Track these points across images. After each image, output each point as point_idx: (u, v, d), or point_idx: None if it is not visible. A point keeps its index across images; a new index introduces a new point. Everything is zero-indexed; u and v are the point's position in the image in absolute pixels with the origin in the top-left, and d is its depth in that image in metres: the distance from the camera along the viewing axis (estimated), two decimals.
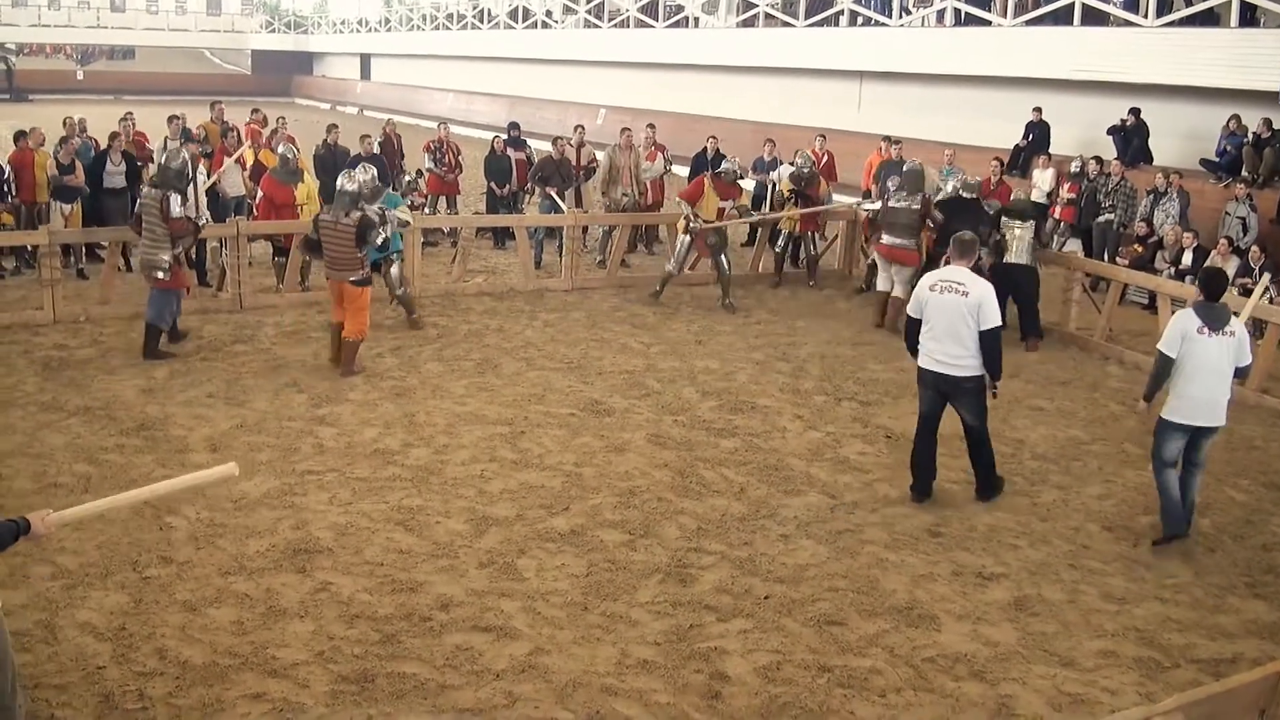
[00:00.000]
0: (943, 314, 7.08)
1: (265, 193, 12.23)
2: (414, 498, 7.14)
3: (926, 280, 7.26)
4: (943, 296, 7.07)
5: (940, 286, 7.11)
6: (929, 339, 7.16)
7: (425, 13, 44.58)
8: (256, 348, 10.41)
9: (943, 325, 7.08)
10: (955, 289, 7.06)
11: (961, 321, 7.03)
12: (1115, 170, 15.11)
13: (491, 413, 8.83)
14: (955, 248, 7.31)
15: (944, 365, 7.14)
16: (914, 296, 7.30)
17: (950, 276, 7.15)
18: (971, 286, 7.09)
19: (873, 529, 6.98)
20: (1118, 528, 7.19)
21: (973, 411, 7.28)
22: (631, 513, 7.04)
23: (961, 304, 7.02)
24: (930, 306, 7.13)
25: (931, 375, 7.22)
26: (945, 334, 7.09)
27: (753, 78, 26.37)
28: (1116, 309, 11.73)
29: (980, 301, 7.02)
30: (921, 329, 7.21)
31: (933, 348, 7.15)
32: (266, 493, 7.13)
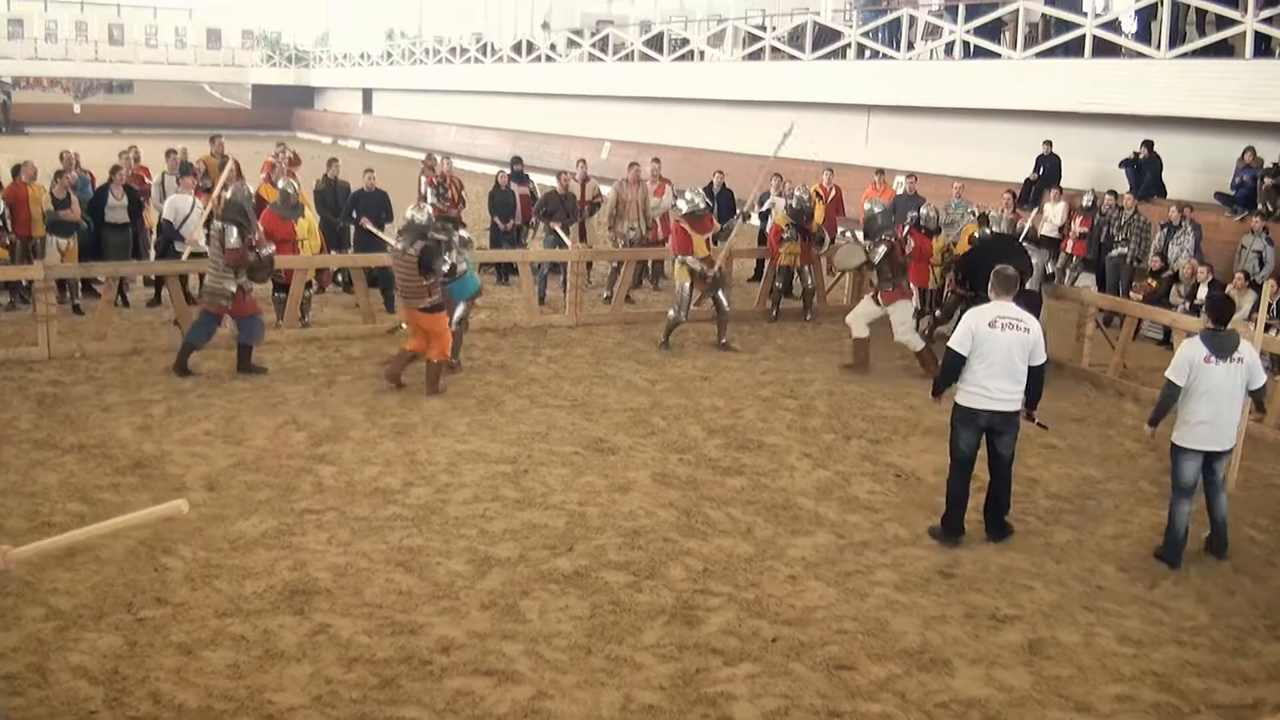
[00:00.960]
0: (1003, 350, 7.10)
1: (265, 228, 12.23)
2: (414, 538, 7.13)
3: (982, 317, 7.20)
4: (1004, 334, 7.11)
5: (1001, 323, 7.13)
6: (987, 376, 7.12)
7: (428, 46, 45.04)
8: (255, 384, 10.43)
9: (1002, 361, 7.11)
10: (1016, 325, 7.14)
11: (1021, 358, 7.14)
12: (1128, 204, 15.18)
13: (494, 451, 8.83)
14: (999, 283, 7.32)
15: (999, 402, 7.17)
16: (964, 332, 7.18)
17: (1008, 313, 7.19)
18: (1030, 323, 7.23)
19: (883, 570, 6.96)
20: (1134, 569, 7.16)
21: (1012, 446, 7.40)
22: (636, 553, 7.03)
23: (1024, 340, 7.14)
24: (990, 343, 7.10)
25: (986, 414, 7.20)
26: (1004, 370, 7.12)
27: (759, 111, 26.54)
28: (1130, 344, 11.73)
29: (1038, 338, 7.22)
30: (973, 365, 7.15)
31: (991, 385, 7.13)
32: (264, 532, 7.13)
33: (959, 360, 7.20)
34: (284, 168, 15.04)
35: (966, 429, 7.29)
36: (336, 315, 13.59)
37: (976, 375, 7.16)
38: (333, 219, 14.62)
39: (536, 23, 40.91)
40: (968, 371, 7.19)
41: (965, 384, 7.22)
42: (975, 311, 7.34)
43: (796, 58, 24.62)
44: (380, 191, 14.63)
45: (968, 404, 7.23)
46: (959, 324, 7.36)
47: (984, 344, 7.12)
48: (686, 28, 29.29)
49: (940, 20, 21.39)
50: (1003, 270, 7.43)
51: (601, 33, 32.54)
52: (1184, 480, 7.15)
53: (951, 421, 7.40)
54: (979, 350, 7.13)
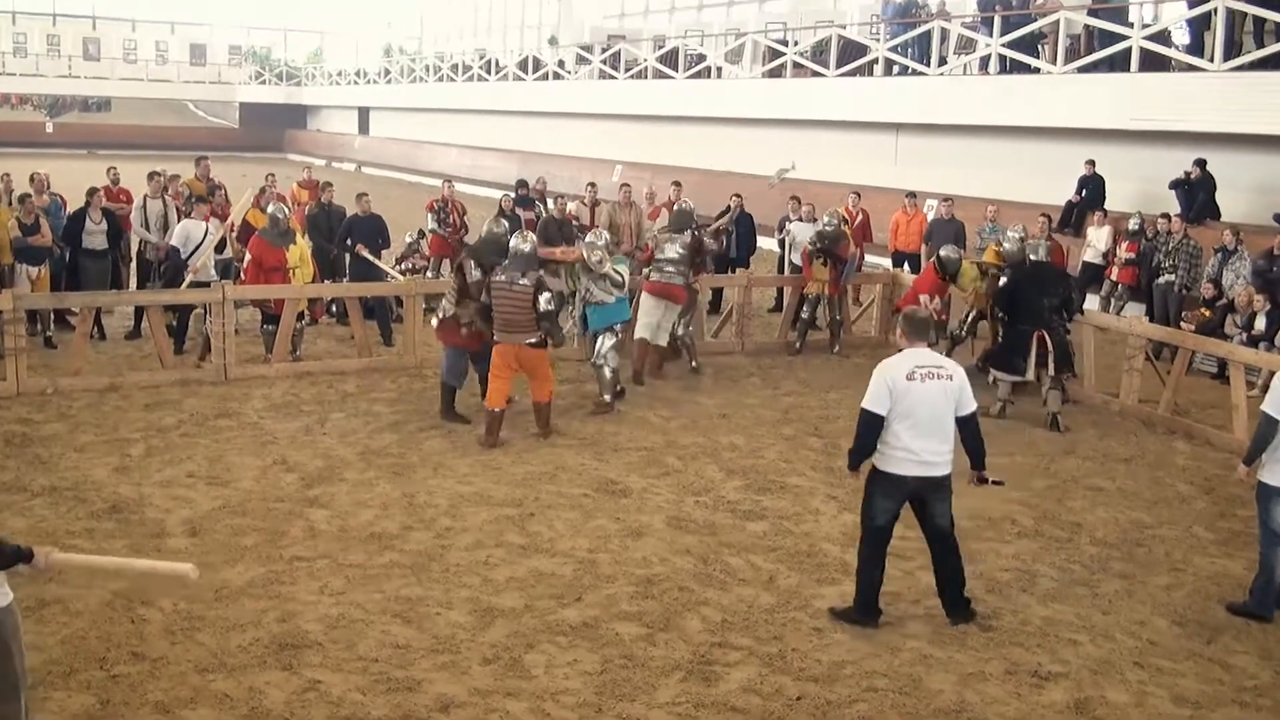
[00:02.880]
0: (928, 405, 6.59)
1: (254, 255, 12.35)
2: (413, 586, 7.12)
3: (897, 369, 6.64)
4: (925, 385, 6.58)
5: (921, 374, 6.59)
6: (912, 437, 6.58)
7: (428, 63, 45.44)
8: (242, 422, 10.46)
9: (928, 418, 6.59)
10: (938, 374, 6.63)
11: (948, 411, 6.65)
12: (1178, 227, 15.14)
13: (498, 493, 8.83)
14: (909, 326, 6.82)
15: (930, 466, 6.66)
16: (879, 388, 6.61)
17: (927, 361, 6.68)
18: (953, 369, 6.76)
19: (915, 622, 6.91)
20: (1189, 622, 7.10)
21: (948, 514, 6.87)
22: (650, 603, 7.00)
23: (949, 390, 6.64)
24: (911, 398, 6.56)
25: (913, 481, 6.68)
26: (931, 429, 6.61)
27: (780, 131, 26.65)
28: (1182, 379, 11.67)
29: (963, 384, 6.71)
30: (894, 426, 6.60)
31: (917, 447, 6.59)
32: (250, 581, 7.12)
33: (877, 422, 6.62)
34: (273, 192, 15.18)
35: (888, 499, 6.77)
36: (330, 348, 13.64)
37: (900, 437, 6.59)
38: (326, 245, 14.70)
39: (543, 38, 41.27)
40: (888, 434, 6.62)
41: (887, 447, 6.65)
42: (888, 364, 6.75)
43: (820, 74, 24.74)
44: (376, 216, 14.73)
45: (892, 470, 6.68)
46: (872, 379, 6.72)
47: (904, 400, 6.56)
48: (703, 43, 29.45)
49: (974, 33, 21.46)
50: (913, 314, 6.98)
51: (613, 48, 32.75)
52: (1278, 523, 6.96)
53: (868, 488, 6.85)
54: (900, 408, 6.57)
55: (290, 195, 16.40)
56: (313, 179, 18.13)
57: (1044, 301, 11.29)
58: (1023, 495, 9.20)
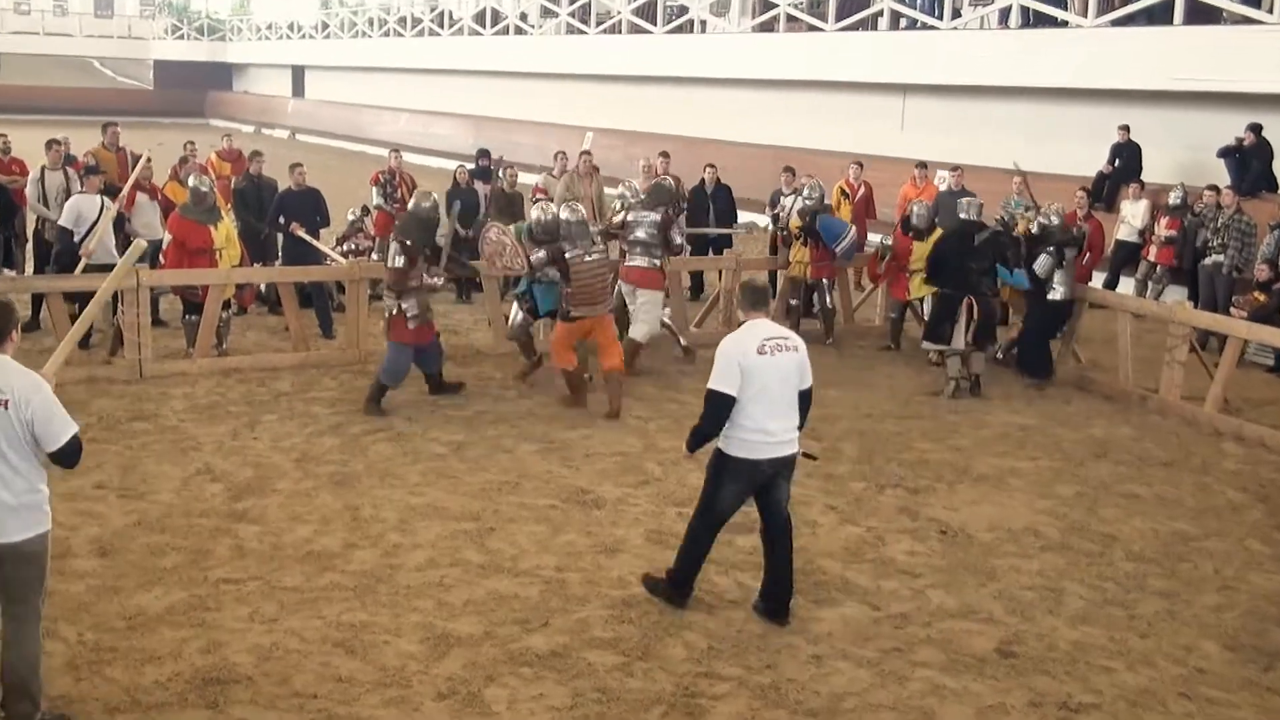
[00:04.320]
0: (780, 379, 6.89)
1: (174, 235, 12.29)
2: (357, 612, 7.11)
3: (746, 343, 6.87)
4: (775, 358, 6.86)
5: (770, 346, 6.87)
6: (766, 416, 6.84)
7: (372, 16, 45.26)
8: (160, 425, 10.42)
9: (779, 393, 6.90)
10: (786, 345, 6.96)
11: (797, 385, 7.00)
12: (1228, 201, 15.18)
13: (454, 505, 8.82)
14: (748, 296, 7.13)
15: (784, 445, 6.97)
16: (728, 366, 6.81)
17: (773, 332, 7.00)
18: (796, 340, 7.13)
19: (926, 648, 6.95)
20: (1243, 646, 7.14)
21: (788, 495, 7.21)
22: (627, 628, 7.01)
23: (799, 362, 7.00)
24: (764, 375, 6.81)
25: (768, 464, 6.95)
26: (783, 404, 6.92)
27: (772, 93, 26.68)
28: (1233, 372, 11.71)
29: (805, 355, 7.10)
30: (746, 406, 6.82)
31: (772, 426, 6.87)
32: (170, 607, 7.09)
33: (728, 404, 6.81)
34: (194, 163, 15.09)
35: (738, 483, 7.02)
36: (261, 341, 13.60)
37: (754, 418, 6.82)
38: (256, 224, 14.64)
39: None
40: (740, 415, 6.83)
41: (740, 430, 6.87)
42: (734, 340, 6.99)
43: (818, 28, 24.79)
44: (313, 190, 14.65)
45: (747, 455, 6.91)
46: (717, 358, 6.96)
47: (757, 377, 6.79)
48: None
49: None
50: (751, 283, 7.29)
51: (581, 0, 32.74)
52: None
53: (716, 475, 7.07)
54: (752, 386, 6.79)
55: (209, 167, 16.31)
56: (234, 148, 17.99)
57: (971, 265, 11.84)
58: (1048, 504, 9.26)
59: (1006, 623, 7.28)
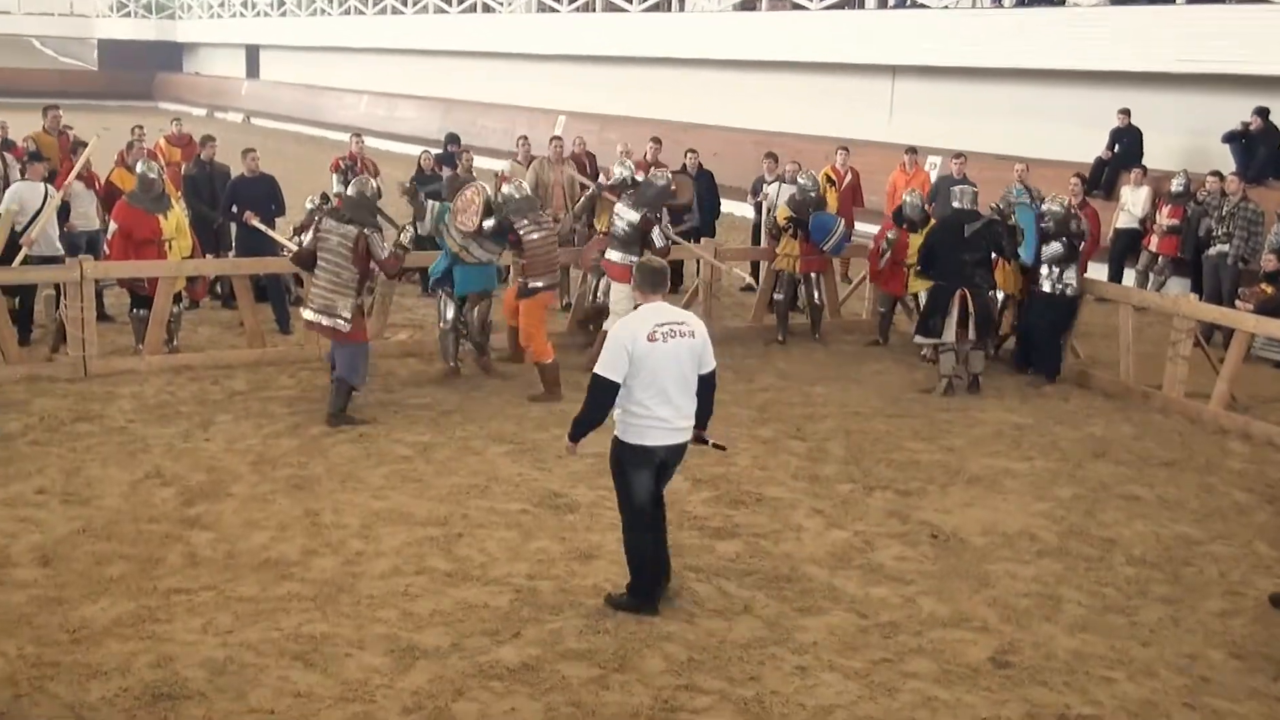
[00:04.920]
0: (673, 366, 7.08)
1: (120, 224, 12.22)
2: (317, 623, 7.09)
3: (637, 328, 7.07)
4: (667, 344, 7.05)
5: (663, 333, 7.05)
6: (660, 404, 7.07)
7: None
8: (107, 427, 10.37)
9: (675, 381, 7.10)
10: (680, 331, 7.13)
11: (693, 371, 7.19)
12: (1233, 188, 15.24)
13: (419, 510, 8.81)
14: (644, 278, 7.31)
15: (679, 432, 7.21)
16: (617, 351, 7.02)
17: (668, 317, 7.17)
18: (695, 324, 7.30)
19: (917, 658, 6.96)
20: (1251, 654, 7.17)
21: (669, 477, 7.50)
22: (602, 639, 7.01)
23: (694, 348, 7.17)
24: (655, 361, 7.01)
25: (664, 451, 7.20)
26: (677, 391, 7.12)
27: (755, 75, 26.73)
28: (1240, 368, 11.75)
29: (706, 340, 7.27)
30: (637, 393, 7.05)
31: (667, 413, 7.10)
32: (117, 619, 7.06)
33: (613, 390, 7.03)
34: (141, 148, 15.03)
35: (643, 471, 7.22)
36: (214, 337, 13.56)
37: (648, 406, 7.06)
38: (208, 212, 14.59)
39: None
40: (633, 403, 7.07)
41: (635, 418, 7.10)
42: (624, 324, 7.22)
43: (802, 6, 24.86)
44: (268, 177, 14.62)
45: (643, 442, 7.14)
46: (606, 343, 7.22)
47: (647, 363, 7.00)
48: None
49: None
50: (649, 264, 7.47)
51: None
52: None
53: (619, 467, 7.28)
54: (643, 373, 7.02)
55: (158, 152, 16.25)
56: (184, 133, 17.95)
57: (964, 256, 11.97)
58: (1045, 506, 9.30)
59: (1001, 631, 7.30)
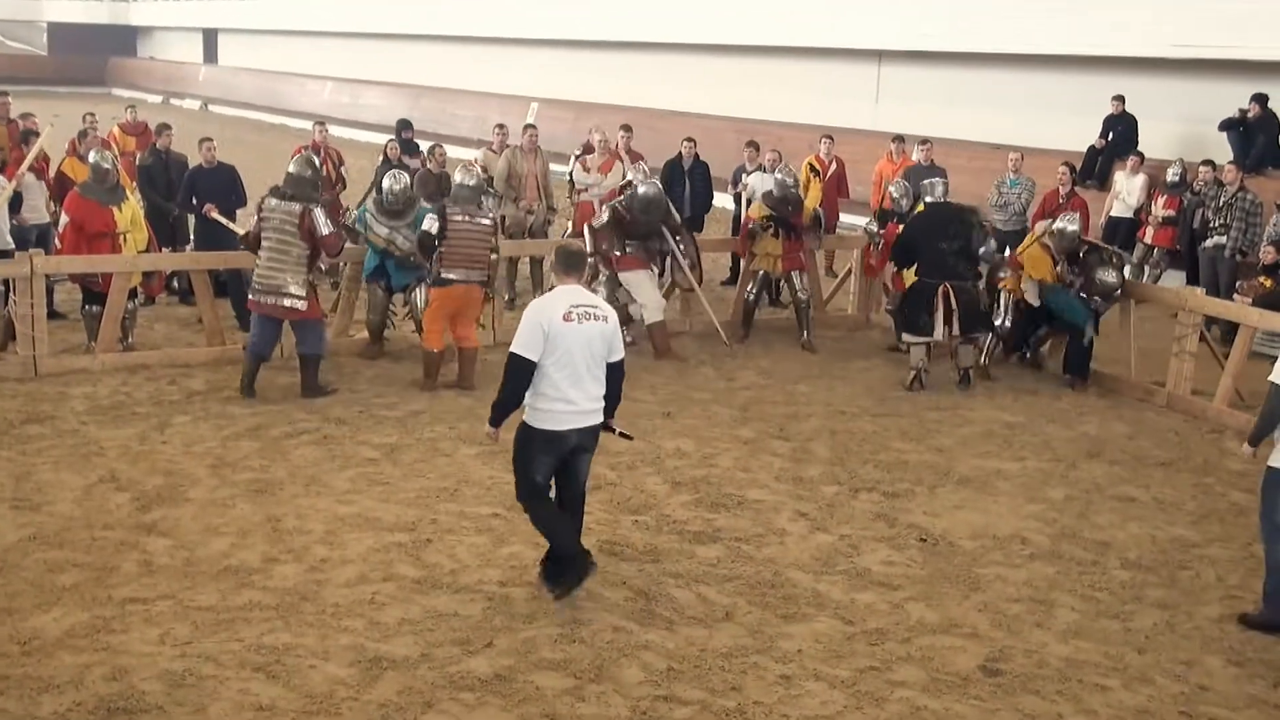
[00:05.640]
0: (585, 348, 7.38)
1: (72, 217, 12.17)
2: (280, 633, 7.08)
3: (552, 309, 7.36)
4: (582, 326, 7.35)
5: (578, 314, 7.35)
6: (570, 385, 7.36)
7: None
8: (58, 429, 10.33)
9: (583, 362, 7.39)
10: (594, 314, 7.42)
11: (603, 355, 7.49)
12: (1231, 178, 15.28)
13: (387, 514, 8.80)
14: (562, 260, 7.65)
15: (587, 415, 7.48)
16: (533, 331, 7.31)
17: (583, 300, 7.48)
18: (607, 310, 7.61)
19: (905, 666, 6.99)
20: (1249, 661, 7.22)
21: (588, 467, 7.79)
22: (577, 648, 7.02)
23: (605, 332, 7.46)
24: (568, 341, 7.30)
25: (574, 434, 7.46)
26: (587, 374, 7.42)
27: (735, 60, 26.73)
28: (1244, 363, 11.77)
29: (616, 327, 7.57)
30: (550, 373, 7.32)
31: (576, 395, 7.38)
32: (70, 629, 7.04)
33: (529, 369, 7.33)
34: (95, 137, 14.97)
35: (548, 455, 7.50)
36: (171, 334, 13.50)
37: (559, 386, 7.35)
38: (164, 205, 14.54)
39: None
40: (544, 384, 7.35)
41: (544, 400, 7.38)
42: (540, 304, 7.54)
43: None
44: (228, 167, 14.56)
45: (550, 426, 7.42)
46: (522, 321, 7.48)
47: (561, 343, 7.30)
48: None
49: None
50: (567, 247, 7.86)
51: None
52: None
53: (523, 449, 7.54)
54: (556, 352, 7.30)
55: (111, 141, 16.19)
56: (140, 121, 17.90)
57: (942, 246, 11.99)
58: (1037, 508, 9.33)
59: (992, 638, 7.32)
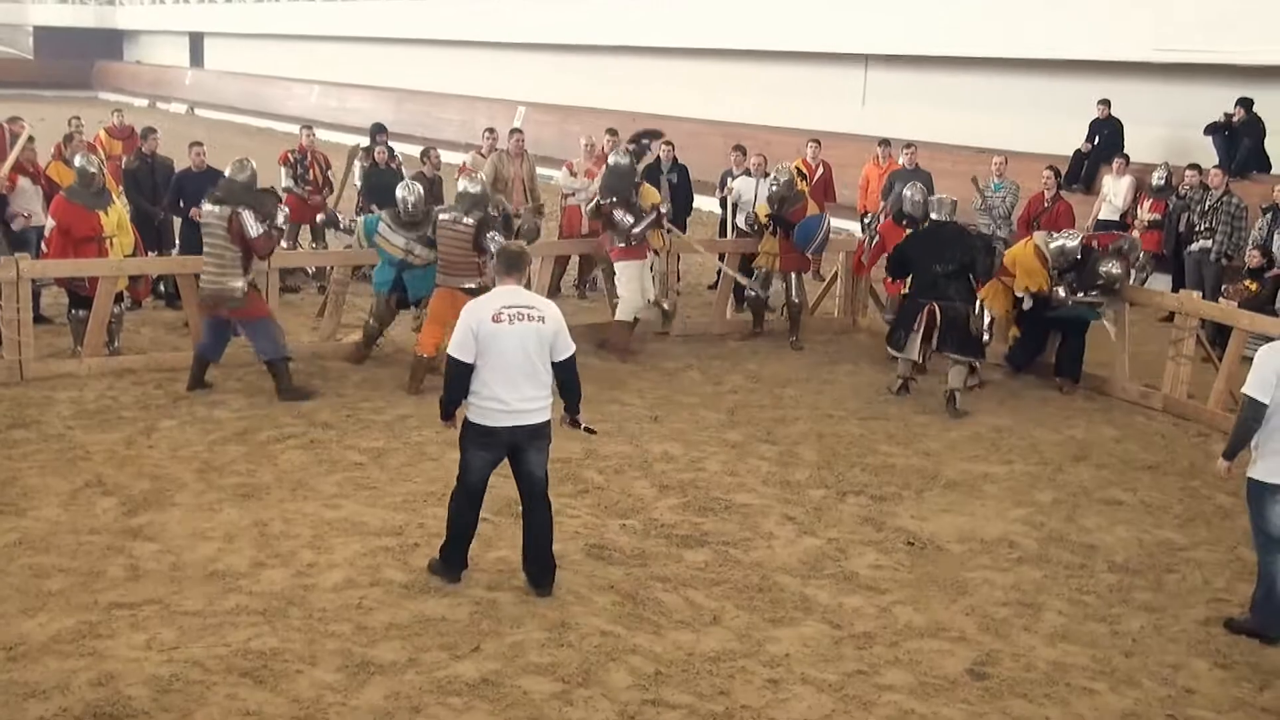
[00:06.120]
0: (518, 348, 7.45)
1: (59, 221, 12.15)
2: (267, 637, 7.06)
3: (483, 311, 7.49)
4: (513, 326, 7.44)
5: (509, 314, 7.44)
6: (500, 384, 7.46)
7: None
8: (44, 433, 10.31)
9: (517, 363, 7.47)
10: (528, 315, 7.49)
11: (540, 355, 7.54)
12: (1215, 182, 15.32)
13: (373, 519, 8.79)
14: (501, 261, 7.78)
15: (522, 414, 7.54)
16: (464, 333, 7.46)
17: (517, 300, 7.53)
18: (545, 309, 7.63)
19: (893, 670, 6.99)
20: (1235, 664, 7.23)
21: (543, 465, 7.81)
22: (565, 652, 7.01)
23: (540, 332, 7.51)
24: (498, 342, 7.41)
25: (507, 432, 7.56)
26: (521, 374, 7.48)
27: (722, 64, 26.74)
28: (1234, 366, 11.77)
29: (558, 327, 7.60)
30: (482, 373, 7.46)
31: (507, 395, 7.47)
32: (56, 634, 7.01)
33: (465, 370, 7.49)
34: (81, 140, 14.95)
35: (483, 451, 7.65)
36: (158, 338, 13.47)
37: (489, 385, 7.48)
38: (150, 208, 14.52)
39: None
40: (477, 382, 7.50)
41: (478, 397, 7.53)
42: (474, 305, 7.66)
43: None
44: (214, 171, 14.50)
45: (483, 422, 7.55)
46: (459, 324, 7.61)
47: (492, 344, 7.42)
48: None
49: None
50: (508, 248, 7.96)
51: None
52: (1276, 528, 7.37)
53: (462, 441, 7.71)
54: (488, 354, 7.44)
55: (98, 145, 16.18)
56: (126, 124, 17.90)
57: (936, 267, 11.78)
58: (1024, 512, 9.35)
59: (980, 641, 7.33)
